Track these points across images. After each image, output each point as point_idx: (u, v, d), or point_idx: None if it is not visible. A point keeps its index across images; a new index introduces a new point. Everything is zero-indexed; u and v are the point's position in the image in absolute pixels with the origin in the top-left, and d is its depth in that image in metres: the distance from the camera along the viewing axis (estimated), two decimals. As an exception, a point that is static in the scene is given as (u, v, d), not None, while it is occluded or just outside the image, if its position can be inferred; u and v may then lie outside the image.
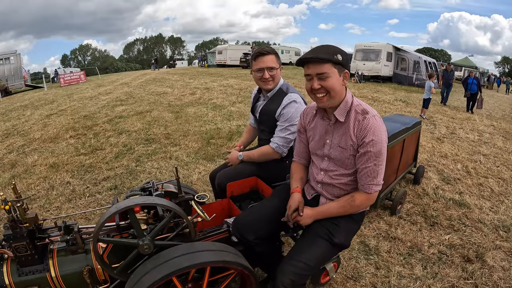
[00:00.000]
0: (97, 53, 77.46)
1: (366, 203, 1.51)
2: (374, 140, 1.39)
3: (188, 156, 4.67)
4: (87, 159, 4.63)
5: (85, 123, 6.84)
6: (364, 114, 1.44)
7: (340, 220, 1.53)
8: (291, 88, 2.20)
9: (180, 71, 22.58)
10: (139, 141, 5.39)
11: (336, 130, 1.52)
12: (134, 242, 1.27)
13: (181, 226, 1.39)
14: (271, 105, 2.16)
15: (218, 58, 28.04)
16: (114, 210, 1.17)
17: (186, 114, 7.37)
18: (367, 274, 2.35)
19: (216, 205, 1.97)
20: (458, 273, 2.43)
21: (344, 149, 1.48)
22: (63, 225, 1.34)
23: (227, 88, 11.51)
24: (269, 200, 1.75)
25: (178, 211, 1.28)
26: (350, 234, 1.58)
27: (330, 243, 1.49)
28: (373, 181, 1.45)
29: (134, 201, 1.20)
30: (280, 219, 1.59)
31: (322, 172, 1.61)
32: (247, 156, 2.22)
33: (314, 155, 1.68)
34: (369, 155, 1.41)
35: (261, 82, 2.15)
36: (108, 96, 10.70)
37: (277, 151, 2.12)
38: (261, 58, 2.06)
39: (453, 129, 7.36)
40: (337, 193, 1.59)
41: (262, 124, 2.31)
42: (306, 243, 1.48)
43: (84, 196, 3.48)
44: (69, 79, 18.81)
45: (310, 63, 1.40)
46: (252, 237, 1.56)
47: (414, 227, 3.04)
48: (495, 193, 3.92)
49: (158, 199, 1.28)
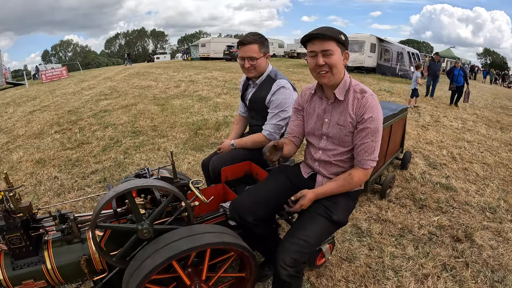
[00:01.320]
0: (78, 48, 75.45)
1: (363, 178, 1.55)
2: (372, 117, 1.44)
3: (177, 147, 4.62)
4: (74, 153, 4.52)
5: (69, 118, 6.67)
6: (362, 93, 1.48)
7: (337, 197, 1.56)
8: (280, 74, 2.20)
9: (163, 65, 22.26)
10: (125, 134, 5.30)
11: (335, 109, 1.55)
12: (133, 227, 1.25)
13: (180, 210, 1.37)
14: (260, 92, 2.17)
15: (202, 51, 27.69)
16: (112, 194, 1.14)
17: (172, 107, 7.29)
18: (361, 255, 2.40)
19: (211, 190, 1.96)
20: (449, 252, 2.50)
21: (343, 127, 1.51)
22: (58, 214, 1.29)
23: (211, 80, 11.45)
24: (265, 182, 1.77)
25: (177, 193, 1.26)
26: (348, 211, 1.61)
27: (329, 221, 1.51)
28: (370, 156, 1.49)
29: (133, 183, 1.17)
30: (276, 201, 1.61)
31: (320, 151, 1.63)
32: (239, 144, 2.22)
33: (311, 136, 1.69)
34: (367, 131, 1.45)
35: (243, 70, 2.16)
36: (91, 91, 10.48)
37: (269, 138, 2.12)
38: (242, 48, 2.06)
39: (437, 117, 7.53)
40: (334, 170, 1.62)
41: (253, 111, 2.34)
42: (306, 221, 1.50)
43: (73, 190, 3.40)
44: (50, 75, 18.42)
45: (315, 39, 1.43)
46: (251, 218, 1.56)
47: (403, 209, 3.10)
48: (480, 177, 4.03)
49: (158, 181, 1.26)
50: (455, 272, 2.31)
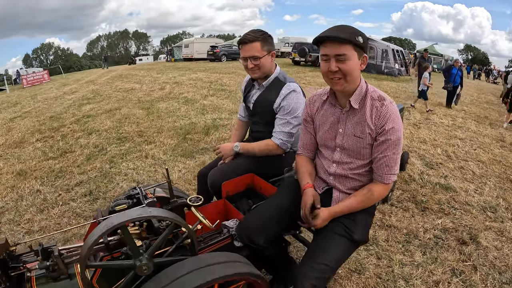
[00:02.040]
0: (60, 51, 73.47)
1: (384, 194, 1.41)
2: (394, 127, 1.29)
3: (165, 153, 4.41)
4: (57, 163, 4.25)
5: (51, 124, 6.35)
6: (381, 101, 1.33)
7: (356, 214, 1.41)
8: (289, 77, 2.02)
9: (147, 66, 21.82)
10: (110, 141, 5.04)
11: (350, 118, 1.39)
12: (130, 263, 1.07)
13: (181, 238, 1.21)
14: (268, 95, 1.97)
15: (185, 52, 27.28)
16: (104, 229, 0.96)
17: (157, 110, 7.05)
18: (369, 265, 2.29)
19: (212, 208, 1.78)
20: (456, 256, 2.45)
21: (360, 138, 1.36)
22: (41, 249, 1.11)
23: (196, 82, 11.21)
24: (275, 198, 1.59)
25: (180, 222, 1.10)
26: (368, 228, 1.46)
27: (349, 241, 1.36)
28: (390, 170, 1.35)
29: (128, 215, 1.00)
30: (289, 219, 1.45)
31: (335, 165, 1.47)
32: (245, 149, 2.02)
33: (323, 147, 1.53)
34: (388, 143, 1.31)
35: (247, 70, 1.97)
36: (73, 95, 10.10)
37: (281, 147, 1.95)
38: (244, 47, 1.87)
39: (427, 115, 7.55)
40: (351, 184, 1.46)
41: (256, 116, 2.12)
42: (325, 243, 1.35)
43: (57, 205, 3.16)
44: (32, 79, 17.98)
45: (328, 42, 1.26)
46: (262, 240, 1.41)
47: (406, 213, 3.02)
48: (476, 175, 4.01)
49: (156, 209, 1.08)
50: (465, 276, 2.26)
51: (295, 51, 19.12)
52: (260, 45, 1.86)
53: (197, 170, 3.78)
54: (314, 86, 9.90)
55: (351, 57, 1.24)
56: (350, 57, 1.24)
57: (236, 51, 23.84)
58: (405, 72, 17.74)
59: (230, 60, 22.69)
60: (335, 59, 1.26)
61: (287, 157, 2.04)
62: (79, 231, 2.65)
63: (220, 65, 18.66)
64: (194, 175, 3.62)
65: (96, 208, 3.02)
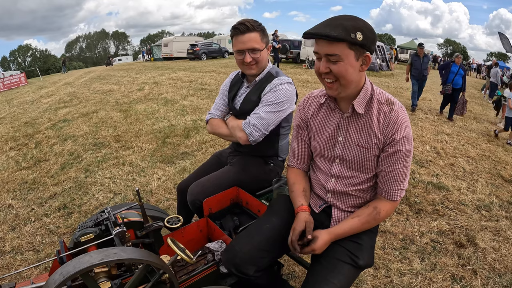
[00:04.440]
0: (37, 53, 70.99)
1: (391, 212, 1.22)
2: (405, 137, 1.10)
3: (144, 160, 4.15)
4: (30, 173, 3.93)
5: (26, 131, 5.95)
6: (390, 105, 1.12)
7: (361, 237, 1.22)
8: (282, 72, 1.77)
9: (125, 67, 21.24)
10: (86, 147, 4.74)
11: (352, 125, 1.19)
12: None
13: (158, 274, 1.00)
14: (258, 91, 1.70)
15: (165, 51, 26.57)
16: (58, 281, 0.75)
17: (136, 112, 6.74)
18: (367, 277, 2.15)
19: (193, 228, 1.56)
20: (455, 261, 2.37)
21: (365, 149, 1.16)
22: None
23: (176, 81, 10.91)
24: (266, 219, 1.35)
25: (153, 262, 0.90)
26: (373, 249, 1.27)
27: (354, 267, 1.18)
28: (399, 185, 1.16)
29: (87, 261, 0.79)
30: (283, 242, 1.24)
31: (333, 179, 1.27)
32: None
33: (319, 158, 1.33)
34: (398, 155, 1.12)
35: (242, 66, 1.69)
36: (50, 99, 9.63)
37: (250, 139, 1.60)
38: (240, 38, 1.59)
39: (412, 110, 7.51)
40: (353, 202, 1.27)
41: (244, 115, 1.73)
42: (327, 272, 1.15)
43: (29, 221, 2.88)
44: (8, 83, 17.36)
45: (319, 38, 1.05)
46: (252, 271, 1.20)
47: (401, 217, 2.90)
48: (467, 172, 3.94)
49: (121, 250, 0.87)
50: (465, 282, 2.17)
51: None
52: (259, 36, 1.61)
53: (177, 177, 3.55)
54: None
55: (344, 58, 1.04)
56: (342, 57, 1.03)
57: (216, 49, 23.49)
58: (386, 67, 17.92)
59: (211, 59, 22.38)
60: (326, 59, 1.06)
61: (275, 166, 1.84)
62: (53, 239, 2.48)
63: (200, 64, 18.33)
64: (174, 183, 3.40)
65: (70, 223, 2.78)
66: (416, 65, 7.37)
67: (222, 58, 22.83)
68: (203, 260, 1.40)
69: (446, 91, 6.86)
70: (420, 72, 7.32)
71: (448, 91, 6.79)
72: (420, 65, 7.29)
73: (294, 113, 1.48)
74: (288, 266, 2.18)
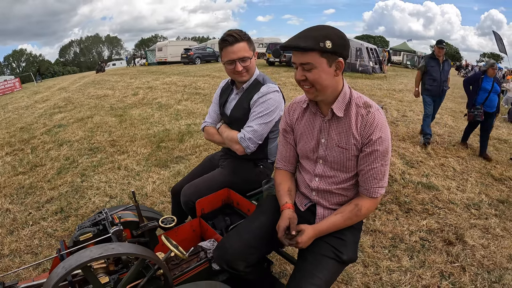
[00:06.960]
0: (32, 58, 70.74)
1: (372, 208, 1.29)
2: (382, 137, 1.18)
3: (139, 164, 4.20)
4: (27, 178, 3.97)
5: (21, 136, 5.98)
6: (367, 108, 1.21)
7: (344, 233, 1.29)
8: (268, 79, 1.86)
9: (120, 71, 21.23)
10: (82, 152, 4.78)
11: (333, 127, 1.27)
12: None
13: (153, 269, 1.06)
14: (248, 97, 1.78)
15: (159, 56, 26.59)
16: (61, 274, 0.81)
17: (130, 117, 6.79)
18: (356, 274, 2.21)
19: (186, 228, 1.63)
20: (444, 258, 2.43)
21: (345, 150, 1.24)
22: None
23: (170, 86, 10.97)
24: (255, 217, 1.43)
25: (149, 256, 0.95)
26: (356, 245, 1.35)
27: (338, 262, 1.25)
28: (379, 183, 1.23)
29: (88, 255, 0.85)
30: (271, 239, 1.32)
31: (317, 178, 1.35)
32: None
33: (304, 159, 1.41)
34: (376, 155, 1.20)
35: (234, 75, 1.79)
36: (45, 104, 9.64)
37: (246, 150, 1.72)
38: (230, 48, 1.68)
39: (404, 111, 7.58)
40: (336, 200, 1.34)
41: (235, 124, 1.86)
42: (312, 267, 1.22)
43: (27, 225, 2.92)
44: (3, 88, 17.50)
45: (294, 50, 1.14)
46: (242, 266, 1.27)
47: (390, 216, 2.97)
48: (457, 172, 4.03)
49: (119, 245, 0.93)
50: (454, 278, 2.24)
51: (269, 51, 19.06)
52: (247, 44, 1.71)
53: (172, 180, 3.61)
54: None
55: (317, 65, 1.13)
56: (316, 65, 1.12)
57: (210, 53, 23.57)
58: (379, 69, 18.08)
59: (204, 63, 22.46)
60: (301, 68, 1.16)
61: (265, 168, 1.90)
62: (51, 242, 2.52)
63: (194, 68, 18.40)
64: (169, 186, 3.46)
65: (67, 226, 2.82)
66: (433, 74, 4.84)
67: (216, 62, 22.92)
68: (196, 258, 1.46)
69: (476, 117, 4.61)
70: (439, 85, 4.85)
71: (479, 118, 4.58)
72: (440, 73, 4.83)
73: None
74: (280, 265, 2.25)
